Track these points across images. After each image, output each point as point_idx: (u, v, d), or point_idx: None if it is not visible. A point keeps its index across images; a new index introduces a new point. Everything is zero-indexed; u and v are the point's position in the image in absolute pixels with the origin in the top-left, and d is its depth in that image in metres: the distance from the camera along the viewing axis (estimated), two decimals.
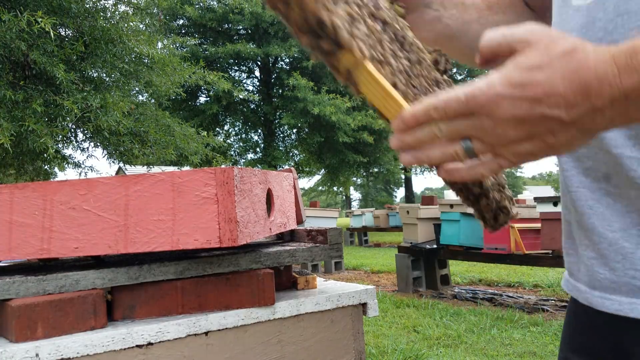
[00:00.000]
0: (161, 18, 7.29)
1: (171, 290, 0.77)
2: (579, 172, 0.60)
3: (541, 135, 0.43)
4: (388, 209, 11.09)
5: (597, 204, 0.58)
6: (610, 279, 0.57)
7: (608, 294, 0.58)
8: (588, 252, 0.60)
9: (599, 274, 0.59)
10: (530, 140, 0.43)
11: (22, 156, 5.82)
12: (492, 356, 3.17)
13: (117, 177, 0.73)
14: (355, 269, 7.76)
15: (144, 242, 0.72)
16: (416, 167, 26.45)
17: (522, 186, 42.80)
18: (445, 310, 4.40)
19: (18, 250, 0.74)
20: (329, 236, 0.92)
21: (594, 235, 0.59)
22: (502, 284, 5.93)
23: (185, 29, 15.45)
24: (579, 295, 0.63)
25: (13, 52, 4.43)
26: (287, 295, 0.89)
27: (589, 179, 0.59)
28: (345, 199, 47.03)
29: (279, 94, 15.49)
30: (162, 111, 6.54)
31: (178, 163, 8.73)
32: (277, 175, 0.94)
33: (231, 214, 0.71)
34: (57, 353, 0.65)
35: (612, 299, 0.57)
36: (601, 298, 0.59)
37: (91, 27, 5.15)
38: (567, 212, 0.65)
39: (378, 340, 3.54)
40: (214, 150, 7.79)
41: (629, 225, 0.55)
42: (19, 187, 0.75)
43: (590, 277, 0.60)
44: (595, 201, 0.58)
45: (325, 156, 15.51)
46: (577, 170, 0.61)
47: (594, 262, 0.59)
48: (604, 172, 0.57)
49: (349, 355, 0.89)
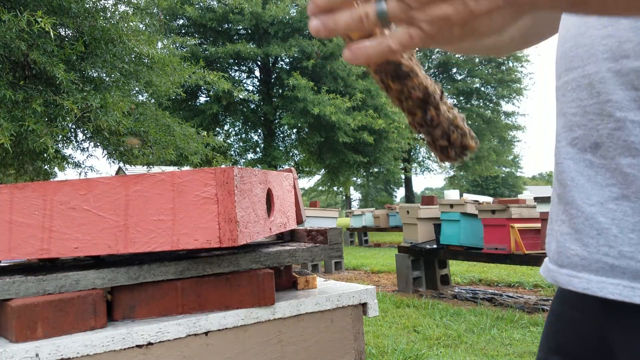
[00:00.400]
0: (161, 18, 7.29)
1: (171, 290, 0.77)
2: (567, 143, 0.59)
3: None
4: (388, 209, 11.08)
5: (579, 176, 0.56)
6: (581, 255, 0.55)
7: (576, 272, 0.55)
8: (563, 227, 0.58)
9: (569, 250, 0.56)
10: (449, 1, 0.38)
11: (22, 156, 5.83)
12: (492, 356, 3.17)
13: (117, 177, 0.73)
14: (355, 269, 7.76)
15: (144, 242, 0.72)
16: (416, 167, 26.47)
17: (522, 186, 42.79)
18: (445, 310, 4.40)
19: (18, 250, 0.74)
20: (329, 236, 0.92)
21: (572, 209, 0.57)
22: (502, 284, 5.93)
23: (185, 29, 15.45)
24: (547, 274, 0.61)
25: (13, 52, 4.44)
26: (287, 295, 0.89)
27: (574, 149, 0.57)
28: (345, 199, 47.03)
29: (279, 94, 15.50)
30: (162, 111, 6.55)
31: (178, 163, 8.73)
32: (277, 175, 0.94)
33: (231, 214, 0.71)
34: (57, 353, 0.65)
35: (580, 277, 0.55)
36: (568, 276, 0.56)
37: (91, 27, 5.15)
38: (552, 190, 0.64)
39: (378, 340, 3.54)
40: (214, 150, 7.79)
41: (607, 198, 0.53)
42: (19, 187, 0.75)
43: (560, 254, 0.58)
44: (577, 173, 0.57)
45: (325, 156, 15.52)
46: (566, 141, 0.59)
47: (567, 238, 0.57)
48: (592, 142, 0.55)
49: (349, 355, 0.89)
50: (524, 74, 24.15)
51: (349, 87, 14.18)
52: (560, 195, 0.60)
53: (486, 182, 42.03)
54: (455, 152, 0.58)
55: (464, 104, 24.79)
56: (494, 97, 24.34)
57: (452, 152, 0.58)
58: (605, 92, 0.54)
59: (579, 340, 0.61)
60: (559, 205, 0.60)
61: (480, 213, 4.61)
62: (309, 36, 14.85)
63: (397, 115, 14.51)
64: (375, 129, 14.00)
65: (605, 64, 0.54)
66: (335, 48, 13.83)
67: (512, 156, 31.72)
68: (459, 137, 0.57)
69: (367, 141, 13.91)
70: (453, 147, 0.57)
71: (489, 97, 24.45)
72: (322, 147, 15.17)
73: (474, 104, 24.45)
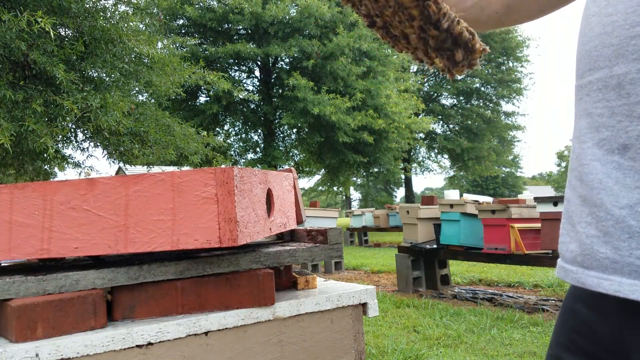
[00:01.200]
0: (161, 18, 7.29)
1: (171, 290, 0.77)
2: (594, 144, 0.58)
3: None
4: (388, 209, 11.08)
5: (607, 178, 0.56)
6: (612, 258, 0.54)
7: (607, 274, 0.55)
8: (589, 229, 0.58)
9: (598, 252, 0.56)
10: None
11: (22, 156, 5.82)
12: (492, 356, 3.17)
13: (117, 177, 0.73)
14: (355, 269, 7.76)
15: (144, 242, 0.72)
16: (416, 167, 26.44)
17: (522, 186, 42.82)
18: (445, 310, 4.40)
19: (18, 250, 0.74)
20: (329, 236, 0.92)
21: (600, 212, 0.56)
22: (502, 284, 5.93)
23: (185, 29, 15.44)
24: (567, 276, 0.61)
25: (13, 52, 4.43)
26: (287, 295, 0.89)
27: (602, 151, 0.57)
28: (345, 199, 47.03)
29: (279, 94, 15.49)
30: (162, 111, 6.55)
31: (178, 163, 8.73)
32: (277, 175, 0.94)
33: (231, 214, 0.71)
34: (57, 353, 0.65)
35: (612, 280, 0.54)
36: (598, 278, 0.56)
37: (91, 27, 5.15)
38: (570, 191, 0.63)
39: (378, 340, 3.54)
40: (214, 150, 7.79)
41: (636, 201, 0.53)
42: (19, 187, 0.75)
43: (586, 257, 0.58)
44: (605, 175, 0.56)
45: (325, 156, 15.51)
46: (592, 142, 0.58)
47: (594, 241, 0.57)
48: (621, 143, 0.55)
49: (349, 355, 0.89)
50: (524, 74, 24.17)
51: (349, 87, 14.18)
52: (584, 196, 0.59)
53: (486, 182, 42.03)
54: (462, 56, 0.52)
55: (464, 104, 24.79)
56: (494, 97, 24.35)
57: (459, 55, 0.52)
58: (636, 93, 0.53)
59: (594, 340, 0.61)
60: (583, 207, 0.59)
61: (480, 213, 4.61)
62: (309, 36, 14.85)
63: (397, 116, 14.51)
64: (375, 129, 13.99)
65: (636, 64, 0.54)
66: (335, 48, 13.83)
67: (512, 156, 31.72)
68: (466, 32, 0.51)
69: (367, 141, 13.90)
70: (459, 47, 0.51)
71: (489, 97, 24.46)
72: (322, 147, 15.16)
73: (474, 104, 24.45)
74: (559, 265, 0.64)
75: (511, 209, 4.40)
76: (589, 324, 0.62)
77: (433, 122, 22.06)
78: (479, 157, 23.06)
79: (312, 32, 14.47)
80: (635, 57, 0.54)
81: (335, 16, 14.36)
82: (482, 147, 22.74)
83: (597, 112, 0.58)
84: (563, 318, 0.67)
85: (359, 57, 14.94)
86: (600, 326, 0.60)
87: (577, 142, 0.62)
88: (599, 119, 0.57)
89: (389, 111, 14.29)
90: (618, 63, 0.55)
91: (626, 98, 0.54)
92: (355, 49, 14.51)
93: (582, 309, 0.63)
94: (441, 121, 25.10)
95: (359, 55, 14.94)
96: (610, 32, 0.57)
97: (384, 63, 15.14)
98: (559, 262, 0.64)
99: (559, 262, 0.64)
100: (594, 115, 0.58)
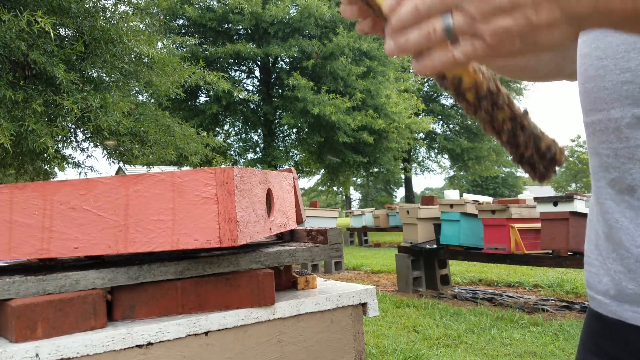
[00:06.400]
0: (161, 18, 7.28)
1: (171, 290, 0.77)
2: (606, 184, 0.60)
3: (523, 8, 0.40)
4: (388, 208, 11.08)
5: (622, 218, 0.58)
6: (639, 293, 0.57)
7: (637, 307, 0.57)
8: (616, 265, 0.60)
9: (627, 288, 0.58)
10: (511, 13, 0.40)
11: (22, 156, 5.82)
12: (492, 356, 3.17)
13: (117, 177, 0.73)
14: (355, 269, 7.76)
15: (144, 242, 0.72)
16: (416, 167, 26.44)
17: (522, 186, 42.79)
18: (445, 310, 4.40)
19: (18, 250, 0.74)
20: (329, 236, 0.92)
21: (621, 249, 0.59)
22: (502, 284, 5.93)
23: (185, 29, 15.44)
24: (601, 307, 0.63)
25: (13, 52, 4.43)
26: (287, 295, 0.89)
27: (613, 190, 0.59)
28: (345, 199, 47.02)
29: (279, 94, 15.49)
30: (162, 111, 6.55)
31: (178, 163, 8.73)
32: (277, 175, 0.94)
33: (231, 214, 0.71)
34: (57, 353, 0.65)
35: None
36: (633, 312, 0.58)
37: (91, 27, 5.15)
38: (596, 222, 0.65)
39: (378, 340, 3.54)
40: (214, 150, 7.79)
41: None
42: (19, 187, 0.75)
43: (619, 291, 0.60)
44: (620, 214, 0.58)
45: (325, 156, 15.51)
46: (605, 181, 0.60)
47: (622, 277, 0.59)
48: (627, 184, 0.56)
49: (349, 355, 0.89)
50: None
51: (349, 87, 14.17)
52: (607, 234, 0.61)
53: (486, 182, 42.01)
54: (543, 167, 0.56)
55: None
56: None
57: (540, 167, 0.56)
58: (634, 137, 0.55)
59: (618, 345, 0.62)
60: (608, 244, 0.61)
61: (480, 213, 4.61)
62: (309, 36, 14.85)
63: (397, 116, 14.51)
64: (375, 129, 13.99)
65: (630, 109, 0.55)
66: (335, 48, 13.83)
67: None
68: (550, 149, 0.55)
69: (367, 141, 13.90)
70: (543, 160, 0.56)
71: None
72: (322, 147, 15.16)
73: None
74: (591, 296, 0.65)
75: (511, 209, 4.40)
76: (613, 333, 0.63)
77: (433, 122, 22.04)
78: (479, 157, 23.06)
79: (312, 32, 14.48)
80: (630, 102, 0.55)
81: (335, 16, 14.36)
82: (482, 147, 22.74)
83: (604, 153, 0.60)
84: (588, 326, 0.69)
85: (359, 57, 14.94)
86: (625, 337, 0.61)
87: (594, 180, 0.64)
88: (607, 159, 0.59)
89: (389, 111, 14.29)
90: (614, 107, 0.57)
91: (626, 142, 0.56)
92: (355, 49, 14.51)
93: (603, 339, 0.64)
94: (441, 121, 25.10)
95: (359, 55, 14.93)
96: (603, 76, 0.58)
97: (384, 63, 15.14)
98: (590, 293, 0.66)
99: (590, 293, 0.66)
100: (602, 155, 0.60)
